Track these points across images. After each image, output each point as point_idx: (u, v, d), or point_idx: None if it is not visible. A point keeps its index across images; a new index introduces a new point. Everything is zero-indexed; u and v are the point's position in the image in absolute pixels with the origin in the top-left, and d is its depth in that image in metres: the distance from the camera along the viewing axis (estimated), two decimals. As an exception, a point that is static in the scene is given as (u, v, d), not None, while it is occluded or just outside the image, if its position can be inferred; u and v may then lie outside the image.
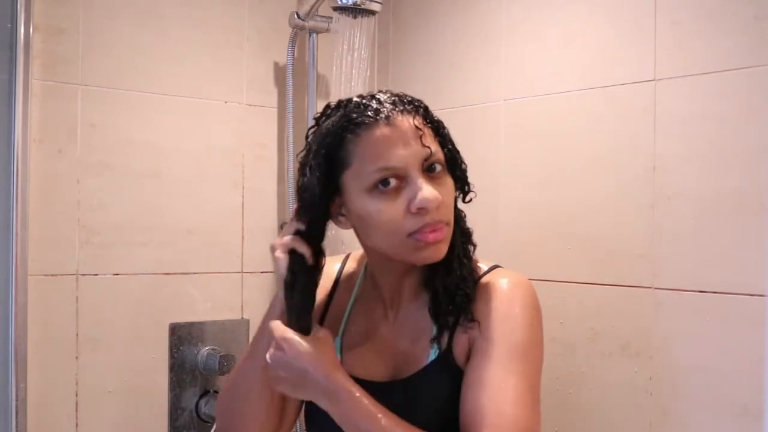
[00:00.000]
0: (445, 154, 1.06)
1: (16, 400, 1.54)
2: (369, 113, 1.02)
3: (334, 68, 1.83)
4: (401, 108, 1.03)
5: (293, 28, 1.90)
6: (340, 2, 1.77)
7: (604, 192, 1.55)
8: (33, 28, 1.57)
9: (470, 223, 1.15)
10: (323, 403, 1.01)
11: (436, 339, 1.07)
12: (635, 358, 1.49)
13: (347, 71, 1.81)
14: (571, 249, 1.60)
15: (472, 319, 1.05)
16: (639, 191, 1.49)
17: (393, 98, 1.05)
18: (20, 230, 1.54)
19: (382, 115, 1.01)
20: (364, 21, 1.80)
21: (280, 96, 1.96)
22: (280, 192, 1.96)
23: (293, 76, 1.90)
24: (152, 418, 1.79)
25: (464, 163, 1.10)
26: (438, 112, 1.09)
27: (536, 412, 1.01)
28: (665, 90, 1.45)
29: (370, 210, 1.02)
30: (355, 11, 1.78)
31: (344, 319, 1.17)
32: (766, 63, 1.31)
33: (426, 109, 1.07)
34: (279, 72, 1.96)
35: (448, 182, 1.05)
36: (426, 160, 1.02)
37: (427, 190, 1.00)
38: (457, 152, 1.09)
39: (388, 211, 1.01)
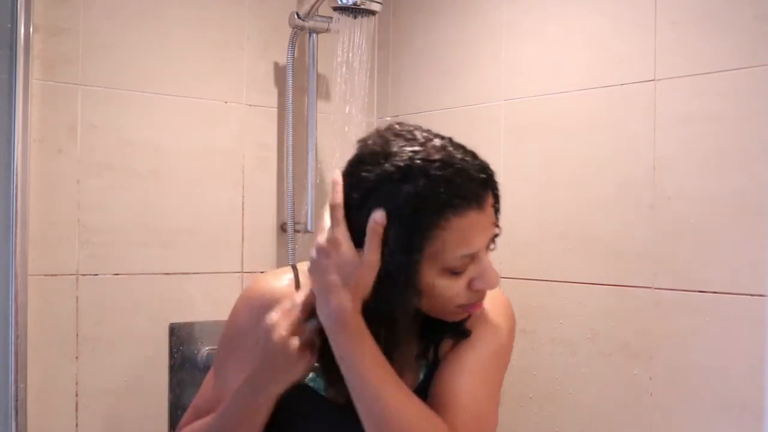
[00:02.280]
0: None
1: (16, 400, 1.54)
2: (463, 194, 0.94)
3: (334, 68, 1.83)
4: (485, 179, 0.97)
5: (293, 28, 1.90)
6: (340, 2, 1.77)
7: (604, 192, 1.55)
8: (33, 28, 1.57)
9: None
10: (336, 329, 0.94)
11: (422, 355, 1.08)
12: (635, 358, 1.49)
13: (347, 71, 1.81)
14: (571, 249, 1.60)
15: (465, 332, 1.06)
16: (639, 191, 1.49)
17: (477, 166, 0.96)
18: (20, 230, 1.54)
19: (474, 200, 0.95)
20: (364, 21, 1.80)
21: (280, 96, 1.96)
22: (279, 192, 1.95)
23: (293, 76, 1.90)
24: (152, 418, 1.78)
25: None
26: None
27: (496, 412, 1.06)
28: (665, 90, 1.45)
29: (437, 285, 0.98)
30: (355, 11, 1.79)
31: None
32: (766, 63, 1.31)
33: (494, 175, 1.00)
34: (279, 72, 1.96)
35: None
36: (492, 239, 1.00)
37: (493, 273, 0.99)
38: None
39: (453, 287, 0.98)
